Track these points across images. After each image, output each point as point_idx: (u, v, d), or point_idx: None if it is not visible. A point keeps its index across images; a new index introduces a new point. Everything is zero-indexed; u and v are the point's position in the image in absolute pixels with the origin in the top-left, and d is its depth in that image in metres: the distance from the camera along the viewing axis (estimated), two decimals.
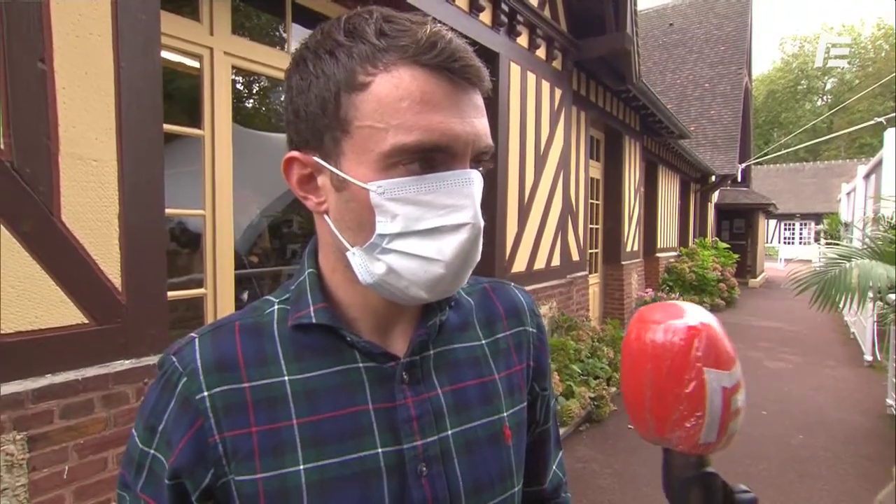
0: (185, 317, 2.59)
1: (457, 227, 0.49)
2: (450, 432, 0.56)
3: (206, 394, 0.50)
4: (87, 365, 1.66)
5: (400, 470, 0.52)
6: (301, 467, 0.50)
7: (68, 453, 1.62)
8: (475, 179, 0.50)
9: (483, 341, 0.63)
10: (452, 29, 0.50)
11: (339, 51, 0.48)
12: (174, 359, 0.53)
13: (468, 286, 0.68)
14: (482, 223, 0.51)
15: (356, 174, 0.49)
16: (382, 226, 0.49)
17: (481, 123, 0.51)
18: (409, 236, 0.49)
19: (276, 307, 0.57)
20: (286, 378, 0.52)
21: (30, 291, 1.53)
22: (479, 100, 0.51)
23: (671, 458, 0.43)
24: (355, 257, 0.52)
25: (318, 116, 0.49)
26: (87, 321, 1.66)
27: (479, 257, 0.53)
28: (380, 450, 0.52)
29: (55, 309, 1.59)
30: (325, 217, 0.54)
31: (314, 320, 0.54)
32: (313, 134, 0.51)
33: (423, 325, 0.58)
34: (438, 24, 0.49)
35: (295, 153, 0.53)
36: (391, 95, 0.46)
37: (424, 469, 0.53)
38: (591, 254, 6.76)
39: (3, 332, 1.48)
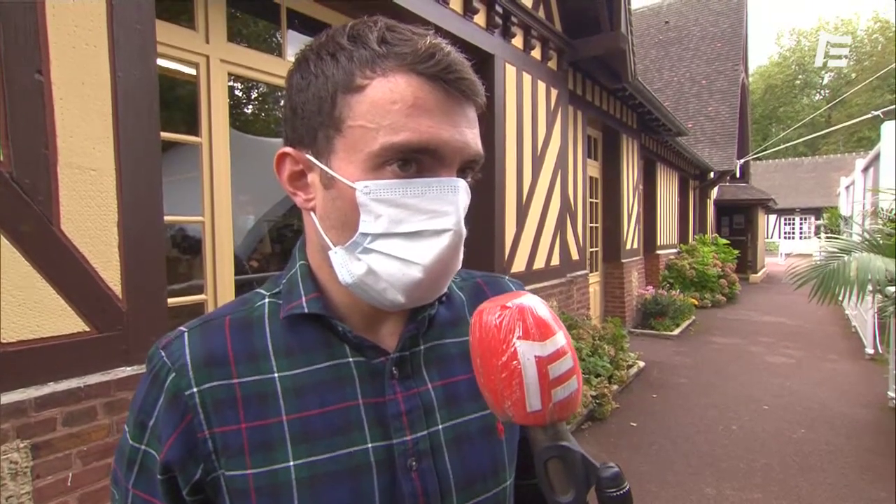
0: (185, 323, 2.60)
1: (438, 233, 0.50)
2: (440, 427, 0.56)
3: (195, 390, 0.51)
4: (88, 372, 1.67)
5: (390, 465, 0.53)
6: (291, 463, 0.50)
7: (72, 460, 1.63)
8: (461, 188, 0.51)
9: None
10: (447, 32, 0.51)
11: (341, 54, 0.50)
12: (163, 353, 0.53)
13: (461, 280, 0.69)
14: (464, 231, 0.51)
15: (345, 173, 0.50)
16: (366, 225, 0.50)
17: (472, 134, 0.52)
18: (391, 237, 0.50)
19: (266, 301, 0.58)
20: (276, 375, 0.53)
21: (31, 300, 1.55)
22: (472, 113, 0.52)
23: (528, 434, 0.46)
24: (337, 256, 0.53)
25: (313, 114, 0.51)
26: (88, 329, 1.67)
27: (458, 265, 0.54)
28: (369, 445, 0.53)
29: (56, 317, 1.60)
30: (312, 214, 0.55)
31: (306, 310, 0.54)
32: (308, 131, 0.52)
33: (413, 321, 0.58)
34: (439, 38, 0.50)
35: (288, 149, 0.54)
36: (385, 98, 0.48)
37: (414, 464, 0.54)
38: (591, 252, 6.77)
39: (4, 341, 1.49)
